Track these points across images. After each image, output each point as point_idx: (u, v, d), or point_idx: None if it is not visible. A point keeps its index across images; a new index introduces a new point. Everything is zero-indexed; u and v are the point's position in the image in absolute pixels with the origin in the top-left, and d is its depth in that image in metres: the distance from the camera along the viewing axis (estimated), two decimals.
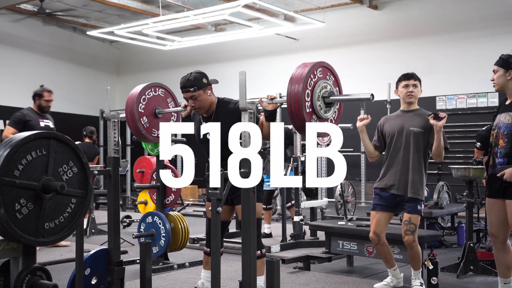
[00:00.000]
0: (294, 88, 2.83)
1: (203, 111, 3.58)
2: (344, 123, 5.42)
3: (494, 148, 3.59)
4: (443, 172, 10.59)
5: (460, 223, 6.20)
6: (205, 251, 3.77)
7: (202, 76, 3.54)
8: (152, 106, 4.26)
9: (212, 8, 9.70)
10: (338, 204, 8.23)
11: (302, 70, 2.87)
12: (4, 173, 2.66)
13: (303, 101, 2.81)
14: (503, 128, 3.53)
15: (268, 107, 3.20)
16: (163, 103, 4.35)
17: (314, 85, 2.89)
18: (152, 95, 4.27)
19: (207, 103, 3.55)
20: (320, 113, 2.92)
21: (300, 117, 2.83)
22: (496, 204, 3.60)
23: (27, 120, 5.78)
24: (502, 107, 3.65)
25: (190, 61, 14.43)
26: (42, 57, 14.17)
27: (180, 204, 9.62)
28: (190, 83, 3.48)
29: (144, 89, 4.22)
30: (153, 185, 5.29)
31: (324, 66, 3.00)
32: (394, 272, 4.17)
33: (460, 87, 10.49)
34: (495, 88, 3.65)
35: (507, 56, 3.61)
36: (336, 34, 12.14)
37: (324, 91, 2.93)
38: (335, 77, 3.08)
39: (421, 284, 4.01)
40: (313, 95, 2.88)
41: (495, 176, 3.53)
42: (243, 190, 2.93)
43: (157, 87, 4.32)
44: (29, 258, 2.91)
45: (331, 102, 2.95)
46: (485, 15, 10.51)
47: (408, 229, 3.91)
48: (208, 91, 3.55)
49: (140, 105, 4.17)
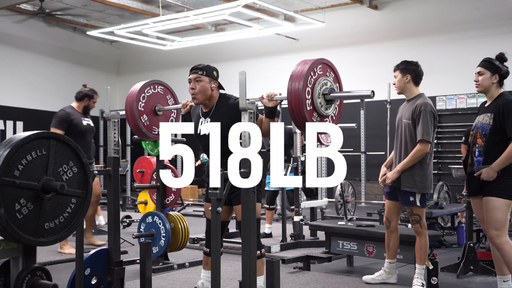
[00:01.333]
0: (295, 86, 2.83)
1: (200, 99, 3.56)
2: (344, 123, 5.42)
3: (473, 147, 3.79)
4: (443, 172, 10.60)
5: (460, 223, 6.20)
6: (205, 251, 3.77)
7: (214, 69, 3.63)
8: (151, 104, 4.25)
9: (212, 8, 9.70)
10: (338, 204, 8.23)
11: (302, 68, 2.86)
12: (4, 173, 2.66)
13: (303, 98, 2.81)
14: (481, 128, 3.72)
15: (269, 104, 3.23)
16: (162, 100, 4.35)
17: (315, 82, 2.89)
18: (151, 92, 4.27)
19: (207, 92, 3.55)
20: (320, 110, 2.91)
21: (301, 115, 2.83)
22: (479, 202, 3.79)
23: (71, 119, 5.58)
24: (481, 109, 3.84)
25: (190, 61, 14.33)
26: (42, 57, 14.17)
27: (180, 204, 9.62)
28: (201, 67, 3.57)
29: (143, 86, 4.22)
30: (153, 185, 5.29)
31: (324, 63, 3.00)
32: (389, 266, 4.24)
33: (460, 87, 10.50)
34: (478, 89, 3.79)
35: (491, 59, 3.76)
36: (336, 34, 12.14)
37: (324, 88, 2.93)
38: (335, 73, 3.07)
39: (422, 285, 4.02)
40: (314, 93, 2.88)
41: (473, 174, 3.72)
42: (243, 190, 2.93)
43: (156, 84, 4.32)
44: (29, 258, 2.91)
45: (331, 99, 2.95)
46: (485, 15, 10.51)
47: (413, 219, 4.05)
48: (213, 84, 3.58)
49: (140, 103, 4.16)
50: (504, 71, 3.74)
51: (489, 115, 3.69)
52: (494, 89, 3.74)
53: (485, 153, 3.69)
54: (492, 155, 3.63)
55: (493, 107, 3.69)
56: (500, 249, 3.60)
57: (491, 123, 3.66)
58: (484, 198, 3.66)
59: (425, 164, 4.01)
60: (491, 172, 3.58)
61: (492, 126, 3.65)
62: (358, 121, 9.93)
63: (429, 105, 4.01)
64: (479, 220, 3.90)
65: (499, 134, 3.63)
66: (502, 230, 3.57)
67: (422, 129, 3.94)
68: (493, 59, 3.77)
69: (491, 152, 3.65)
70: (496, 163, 3.57)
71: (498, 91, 3.75)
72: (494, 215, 3.57)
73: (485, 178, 3.60)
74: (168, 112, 4.40)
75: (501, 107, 3.63)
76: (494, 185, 3.59)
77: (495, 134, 3.64)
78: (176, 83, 16.69)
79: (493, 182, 3.59)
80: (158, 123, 4.22)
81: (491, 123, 3.66)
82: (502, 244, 3.58)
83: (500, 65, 3.73)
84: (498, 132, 3.64)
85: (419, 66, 4.22)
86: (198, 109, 3.71)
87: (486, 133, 3.68)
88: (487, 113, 3.73)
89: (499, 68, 3.72)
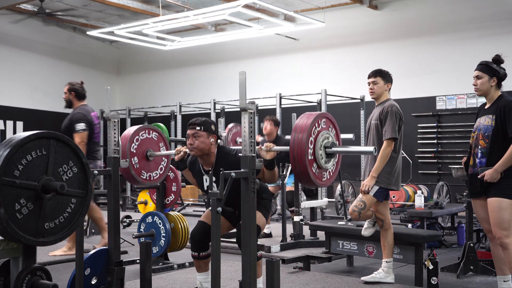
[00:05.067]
0: (298, 136, 2.92)
1: (198, 153, 3.61)
2: (344, 122, 5.42)
3: (475, 149, 3.82)
4: (443, 172, 10.60)
5: (460, 223, 6.20)
6: (193, 255, 3.76)
7: (212, 123, 3.65)
8: (144, 148, 4.34)
9: (212, 8, 9.69)
10: (338, 204, 8.24)
11: (307, 119, 2.96)
12: (4, 173, 2.66)
13: (306, 147, 2.89)
14: (483, 130, 3.75)
15: (267, 157, 3.27)
16: (155, 146, 4.41)
17: (318, 134, 2.98)
18: (145, 136, 4.35)
19: (206, 147, 3.59)
20: (320, 162, 2.99)
21: (302, 165, 2.90)
22: (481, 203, 3.81)
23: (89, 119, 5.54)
24: (481, 111, 3.89)
25: (190, 61, 14.44)
26: (42, 57, 14.16)
27: (180, 204, 9.62)
28: (199, 122, 3.60)
29: (139, 130, 4.32)
30: (153, 185, 5.29)
31: (327, 117, 3.12)
32: (386, 265, 4.27)
33: (460, 87, 10.49)
34: (478, 93, 3.87)
35: (488, 62, 3.81)
36: (336, 34, 12.13)
37: (326, 141, 3.02)
38: (336, 130, 3.19)
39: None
40: (316, 144, 2.97)
41: (475, 176, 3.75)
42: (243, 190, 2.93)
43: (151, 130, 4.40)
44: (29, 258, 2.91)
45: (332, 153, 3.04)
46: (484, 15, 10.51)
47: (358, 204, 4.17)
48: (212, 139, 3.61)
49: (132, 144, 4.24)
50: (502, 74, 3.78)
51: (490, 117, 3.72)
52: (493, 91, 3.79)
53: (487, 154, 3.71)
54: (495, 156, 3.66)
55: (494, 109, 3.73)
56: (507, 249, 3.61)
57: (493, 124, 3.69)
58: (489, 199, 3.67)
59: (391, 161, 4.20)
60: (495, 174, 3.60)
61: (494, 127, 3.68)
62: (358, 121, 9.92)
63: (395, 106, 4.25)
64: (480, 220, 3.93)
65: (501, 135, 3.66)
66: (509, 230, 3.60)
67: (388, 128, 4.15)
68: (490, 62, 3.80)
69: (493, 153, 3.67)
70: (499, 164, 3.59)
71: (497, 93, 3.79)
72: (501, 216, 3.59)
73: (489, 179, 3.62)
74: (159, 159, 4.47)
75: (502, 108, 3.67)
76: (499, 186, 3.62)
77: (497, 135, 3.67)
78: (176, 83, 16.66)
79: (497, 183, 3.61)
80: (148, 168, 4.33)
81: (493, 124, 3.68)
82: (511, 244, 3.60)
83: (497, 68, 3.77)
84: (500, 133, 3.66)
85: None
86: (197, 164, 3.76)
87: (488, 135, 3.71)
88: (488, 114, 3.76)
89: (496, 71, 3.77)
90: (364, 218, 4.31)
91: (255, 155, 3.00)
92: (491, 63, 3.80)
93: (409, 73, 11.03)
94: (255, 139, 3.00)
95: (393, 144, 4.17)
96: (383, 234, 4.28)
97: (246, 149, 2.96)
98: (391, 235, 4.26)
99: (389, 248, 4.27)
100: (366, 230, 4.45)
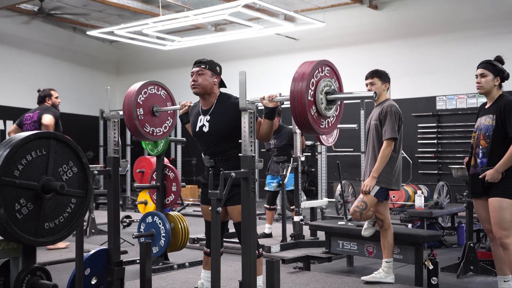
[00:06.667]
0: (298, 84, 2.84)
1: (201, 91, 3.57)
2: (344, 123, 5.42)
3: (476, 149, 3.82)
4: (443, 172, 10.60)
5: (460, 223, 6.20)
6: (205, 251, 3.77)
7: (218, 65, 3.66)
8: (151, 102, 4.17)
9: (212, 8, 9.69)
10: (338, 204, 8.23)
11: (308, 66, 2.89)
12: (4, 173, 2.66)
13: (306, 96, 2.81)
14: (484, 130, 3.76)
15: (269, 105, 3.23)
16: (162, 103, 4.30)
17: (319, 80, 2.92)
18: (154, 92, 4.22)
19: (208, 86, 3.57)
20: (320, 107, 2.90)
21: (301, 103, 2.82)
22: (482, 202, 3.82)
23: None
24: (482, 111, 3.89)
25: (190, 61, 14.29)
26: (42, 57, 14.16)
27: (180, 204, 9.62)
28: (205, 61, 3.61)
29: (148, 83, 4.18)
30: (153, 185, 5.29)
31: (331, 67, 3.05)
32: (386, 265, 4.27)
33: (460, 87, 10.49)
34: (480, 91, 3.85)
35: (492, 61, 3.81)
36: (336, 34, 12.13)
37: (327, 88, 2.96)
38: (338, 80, 3.11)
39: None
40: (317, 89, 2.89)
41: (477, 176, 3.76)
42: (243, 190, 2.93)
43: (160, 87, 4.28)
44: (29, 258, 2.91)
45: (333, 99, 2.96)
46: (484, 15, 10.51)
47: (360, 205, 4.19)
48: (215, 79, 3.59)
49: (140, 96, 4.09)
50: (506, 74, 3.80)
51: (491, 117, 3.72)
52: (495, 91, 3.79)
53: (489, 154, 3.72)
54: (496, 156, 3.66)
55: (495, 109, 3.73)
56: (508, 249, 3.61)
57: (493, 124, 3.69)
58: (490, 199, 3.68)
59: (391, 161, 4.22)
60: (496, 174, 3.60)
61: (495, 127, 3.68)
62: (358, 121, 9.92)
63: (394, 106, 4.25)
64: (481, 220, 3.93)
65: (502, 135, 3.67)
66: (510, 230, 3.60)
67: (388, 128, 4.17)
68: (494, 61, 3.80)
69: (494, 153, 3.68)
70: (500, 164, 3.59)
71: (498, 93, 3.80)
72: (501, 216, 3.59)
73: (490, 180, 3.62)
74: (164, 117, 4.31)
75: (502, 108, 3.67)
76: (500, 186, 3.62)
77: (498, 135, 3.67)
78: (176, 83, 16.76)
79: (498, 183, 3.62)
80: (152, 123, 4.18)
81: (494, 124, 3.69)
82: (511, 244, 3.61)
83: (502, 68, 3.78)
84: (501, 133, 3.67)
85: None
86: (197, 107, 3.71)
87: (489, 134, 3.71)
88: (489, 114, 3.76)
89: (501, 71, 3.77)
90: (364, 219, 4.31)
91: (255, 155, 3.00)
92: (496, 62, 3.79)
93: (409, 73, 11.03)
94: (255, 139, 3.00)
95: (393, 144, 4.19)
96: (383, 234, 4.28)
97: (246, 149, 2.96)
98: (391, 235, 4.26)
99: (389, 248, 4.27)
100: (366, 231, 4.45)
